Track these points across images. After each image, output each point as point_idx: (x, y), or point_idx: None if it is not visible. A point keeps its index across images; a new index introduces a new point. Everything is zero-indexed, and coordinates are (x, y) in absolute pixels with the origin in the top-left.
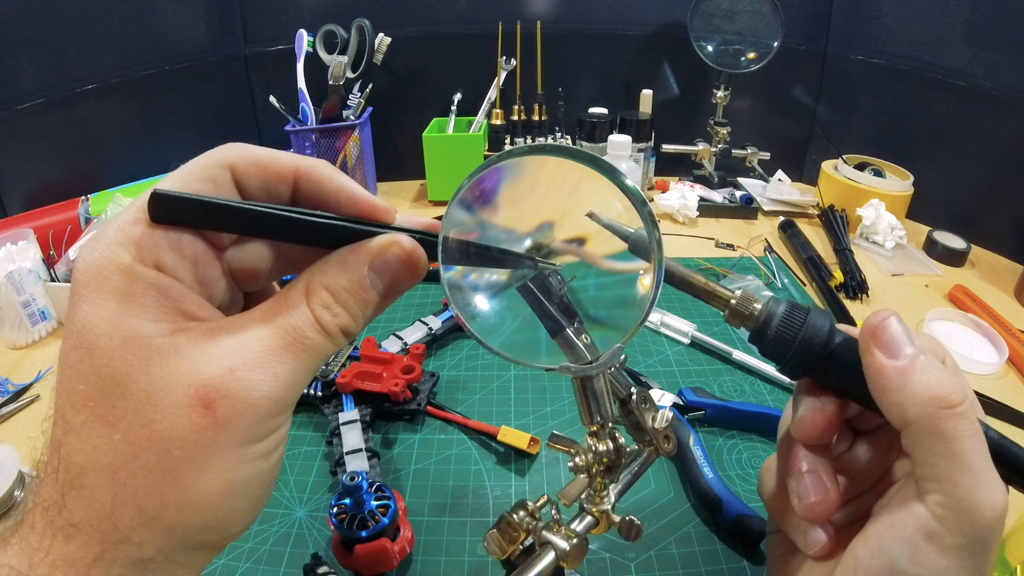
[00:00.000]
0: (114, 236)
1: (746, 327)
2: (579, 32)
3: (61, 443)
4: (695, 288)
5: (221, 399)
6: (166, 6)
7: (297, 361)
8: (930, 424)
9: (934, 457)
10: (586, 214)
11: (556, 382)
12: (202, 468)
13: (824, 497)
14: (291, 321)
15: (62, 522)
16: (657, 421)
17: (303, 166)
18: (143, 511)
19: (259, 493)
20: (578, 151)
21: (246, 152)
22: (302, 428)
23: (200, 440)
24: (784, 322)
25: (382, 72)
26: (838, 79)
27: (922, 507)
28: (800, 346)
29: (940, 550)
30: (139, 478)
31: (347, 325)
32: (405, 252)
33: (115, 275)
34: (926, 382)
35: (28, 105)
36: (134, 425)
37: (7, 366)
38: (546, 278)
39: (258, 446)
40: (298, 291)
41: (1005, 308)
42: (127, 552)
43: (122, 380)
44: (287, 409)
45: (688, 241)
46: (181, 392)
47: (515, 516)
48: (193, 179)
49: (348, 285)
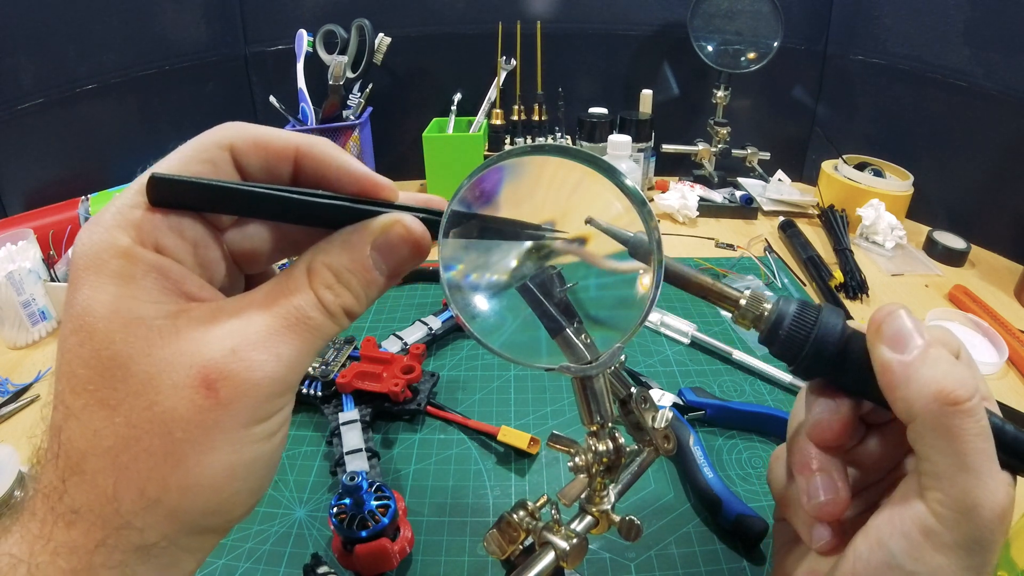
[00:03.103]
0: (112, 219)
1: (756, 328)
2: (579, 32)
3: (61, 428)
4: (703, 289)
5: (224, 379)
6: (166, 6)
7: (300, 341)
8: (934, 420)
9: (936, 454)
10: (585, 220)
11: (556, 382)
12: (205, 450)
13: (834, 497)
14: (293, 301)
15: (63, 508)
16: (657, 421)
17: (304, 145)
18: (145, 495)
19: (262, 475)
20: (578, 151)
21: (245, 131)
22: (302, 428)
23: (203, 421)
24: (796, 322)
25: (382, 72)
26: (838, 79)
27: (922, 504)
28: (813, 346)
29: (937, 548)
30: (141, 461)
31: (350, 305)
32: (408, 231)
33: (114, 258)
34: (932, 376)
35: (28, 105)
36: (136, 408)
37: (7, 366)
38: (546, 277)
39: (261, 427)
40: (300, 271)
41: (1005, 308)
42: (129, 537)
43: (123, 362)
44: (290, 390)
45: (688, 241)
46: (183, 373)
47: (515, 516)
48: (191, 161)
49: (351, 265)
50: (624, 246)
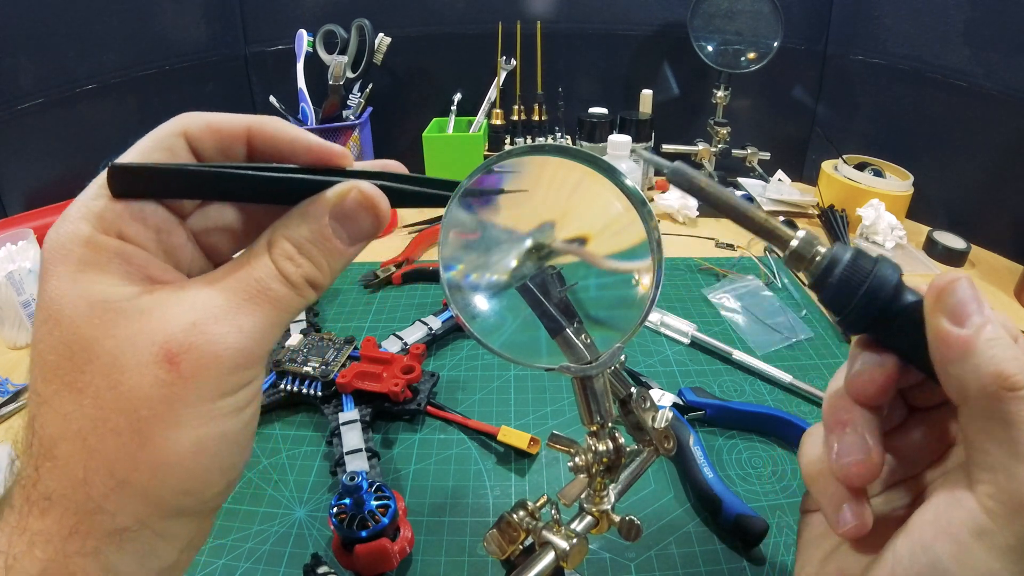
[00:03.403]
0: (76, 211)
1: (806, 272)
2: (579, 32)
3: (35, 416)
4: (754, 224)
5: (185, 353)
6: (166, 6)
7: (261, 313)
8: (990, 405)
9: (990, 442)
10: (630, 151)
11: (556, 382)
12: (171, 426)
13: (865, 459)
14: (253, 274)
15: (37, 496)
16: (657, 421)
17: (255, 123)
18: (114, 476)
19: (232, 452)
20: (578, 151)
21: (198, 118)
22: (302, 428)
23: (167, 396)
24: (850, 268)
25: (382, 72)
26: (838, 79)
27: (972, 500)
28: (865, 296)
29: (989, 550)
30: (109, 442)
31: (312, 275)
32: (365, 196)
33: (78, 247)
34: (992, 356)
35: (28, 105)
36: (102, 389)
37: (7, 366)
38: (546, 277)
39: (227, 401)
40: (261, 245)
41: (1005, 308)
42: (102, 522)
43: (88, 345)
44: (255, 363)
45: (688, 241)
46: (146, 350)
47: (515, 516)
48: (150, 151)
49: (310, 235)
50: (664, 174)
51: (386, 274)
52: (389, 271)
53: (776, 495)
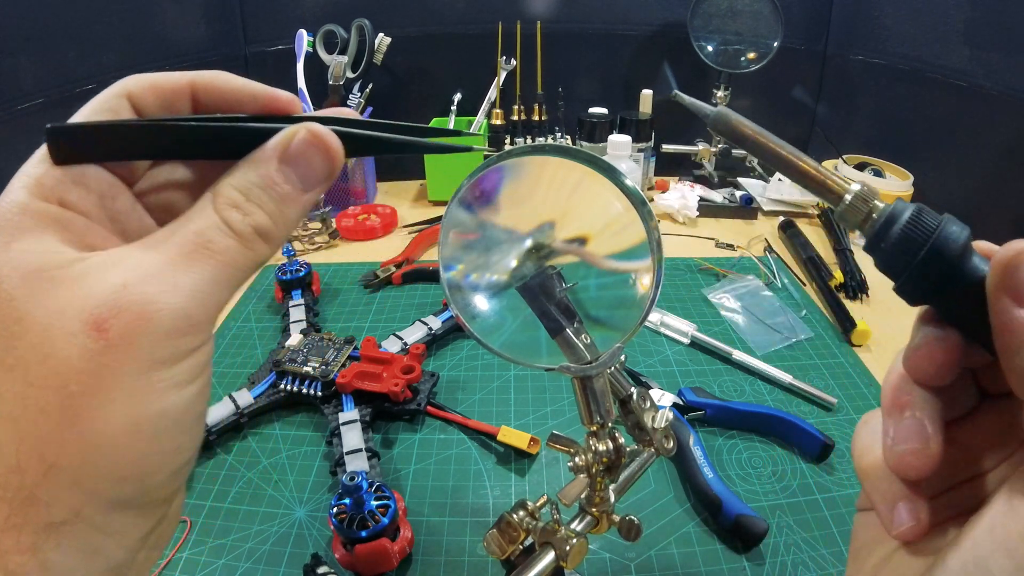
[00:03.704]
0: (17, 181)
1: (861, 229)
2: (579, 32)
3: None
4: (804, 175)
5: (113, 318)
6: (166, 6)
7: (203, 269)
8: None
9: None
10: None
11: (556, 382)
12: (101, 402)
13: (923, 447)
14: (192, 227)
15: None
16: (657, 421)
17: (198, 77)
18: (44, 459)
19: (175, 435)
20: (578, 151)
21: (142, 78)
22: (302, 428)
23: (96, 368)
24: (912, 224)
25: (382, 72)
26: (838, 79)
27: None
28: (928, 255)
29: None
30: (39, 423)
31: (263, 224)
32: (314, 135)
33: (16, 216)
34: None
35: (28, 105)
36: (31, 364)
37: None
38: (546, 277)
39: (165, 373)
40: (205, 198)
41: None
42: (37, 514)
43: (20, 317)
44: (199, 329)
45: (688, 241)
46: (74, 318)
47: (515, 516)
48: (92, 113)
49: (259, 181)
50: (704, 119)
51: (386, 274)
52: (389, 271)
53: (776, 495)
